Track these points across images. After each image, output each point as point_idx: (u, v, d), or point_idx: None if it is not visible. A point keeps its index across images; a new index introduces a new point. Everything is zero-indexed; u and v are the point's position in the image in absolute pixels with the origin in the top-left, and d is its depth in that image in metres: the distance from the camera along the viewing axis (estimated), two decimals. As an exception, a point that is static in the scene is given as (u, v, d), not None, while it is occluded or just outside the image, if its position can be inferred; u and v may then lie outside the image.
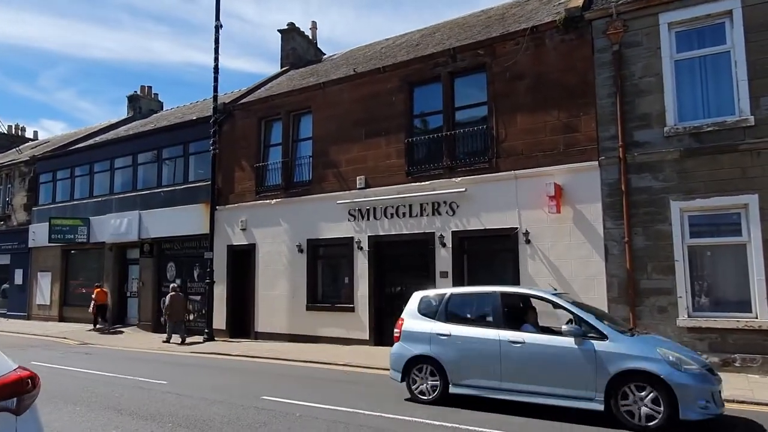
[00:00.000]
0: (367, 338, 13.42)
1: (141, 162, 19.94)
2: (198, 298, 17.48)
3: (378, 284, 13.58)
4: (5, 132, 32.04)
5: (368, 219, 13.74)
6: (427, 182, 12.90)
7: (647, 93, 10.68)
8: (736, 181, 9.81)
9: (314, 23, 22.00)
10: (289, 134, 15.71)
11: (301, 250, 14.76)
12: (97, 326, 18.63)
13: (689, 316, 9.97)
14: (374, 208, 13.66)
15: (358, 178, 13.96)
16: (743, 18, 10.02)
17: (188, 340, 15.69)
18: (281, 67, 20.24)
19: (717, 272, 10.14)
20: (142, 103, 26.74)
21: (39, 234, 21.73)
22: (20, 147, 29.51)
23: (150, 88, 27.63)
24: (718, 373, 6.88)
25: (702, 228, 10.24)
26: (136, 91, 26.96)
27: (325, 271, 15.01)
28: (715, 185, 9.95)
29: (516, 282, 11.56)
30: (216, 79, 16.48)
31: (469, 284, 12.33)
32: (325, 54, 21.29)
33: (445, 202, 12.66)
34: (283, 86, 17.13)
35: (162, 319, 16.10)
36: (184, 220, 17.58)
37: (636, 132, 10.70)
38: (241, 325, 16.07)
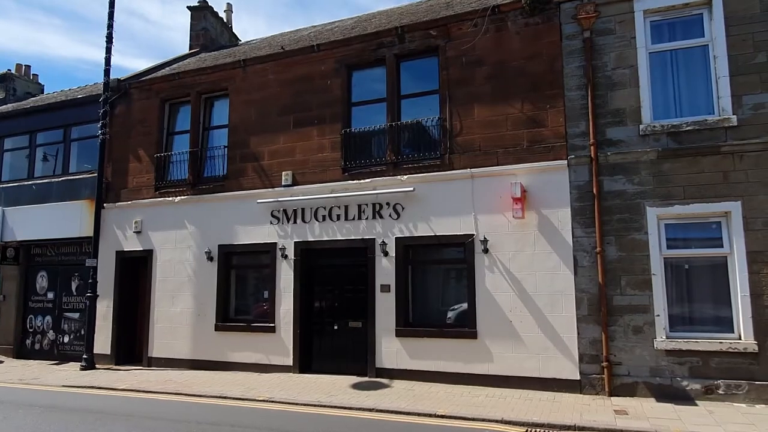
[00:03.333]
0: (291, 364, 11.21)
1: (8, 148, 16.36)
2: (76, 315, 14.29)
3: (305, 299, 11.43)
4: None
5: (295, 222, 11.59)
6: (366, 180, 11.02)
7: (621, 86, 9.54)
8: (718, 187, 8.83)
9: (230, 5, 19.54)
10: (200, 120, 13.20)
11: (210, 258, 12.26)
12: None
13: (667, 337, 8.80)
14: (303, 209, 11.54)
15: (283, 173, 11.78)
16: (723, 9, 9.15)
17: (63, 367, 12.62)
18: (189, 49, 17.57)
19: (696, 288, 9.07)
20: (17, 84, 22.53)
21: None
22: None
23: (29, 67, 23.44)
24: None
25: (679, 238, 9.18)
26: (9, 70, 22.76)
27: (240, 284, 12.58)
28: (694, 191, 8.93)
29: (472, 298, 9.94)
30: (109, 50, 13.61)
31: (414, 300, 10.63)
32: (241, 41, 18.88)
33: (388, 204, 10.83)
34: (192, 67, 14.55)
35: None
36: (61, 220, 14.35)
37: (609, 129, 9.51)
38: (131, 349, 13.18)
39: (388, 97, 11.22)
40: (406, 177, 10.72)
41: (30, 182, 15.49)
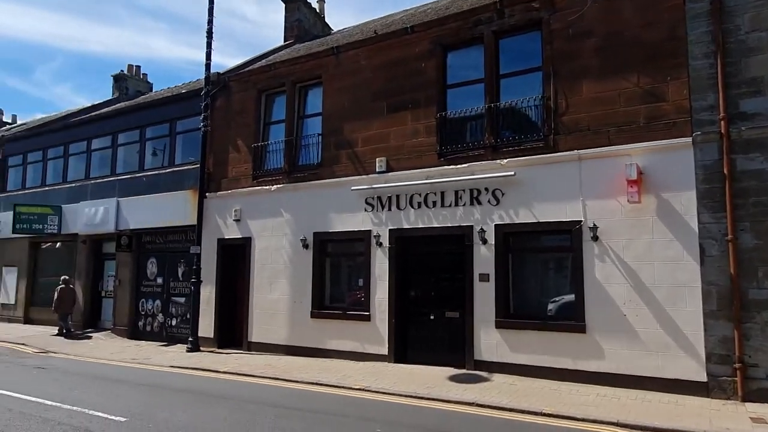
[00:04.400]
0: (386, 353, 11.00)
1: (122, 143, 17.48)
2: (182, 300, 14.99)
3: (400, 288, 11.17)
4: (-20, 115, 29.44)
5: (389, 209, 11.34)
6: (464, 165, 10.53)
7: (757, 51, 8.35)
8: None
9: (322, -5, 19.64)
10: (295, 109, 13.30)
11: (305, 246, 12.32)
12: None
13: (817, 339, 7.61)
14: (397, 196, 11.26)
15: (377, 159, 11.56)
16: None
17: (170, 349, 13.35)
18: (284, 41, 17.85)
19: None
20: (129, 83, 24.21)
21: (5, 224, 19.15)
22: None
23: (139, 67, 25.12)
24: None
25: (832, 224, 7.90)
26: (122, 70, 24.45)
27: (335, 271, 12.58)
28: None
29: (579, 289, 9.20)
30: (209, 45, 14.05)
31: (515, 290, 10.03)
32: (333, 30, 18.93)
33: (486, 189, 10.28)
34: (287, 57, 14.70)
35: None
36: (168, 209, 15.11)
37: (743, 101, 8.36)
38: (232, 333, 13.59)
39: (486, 77, 10.64)
40: (506, 161, 10.11)
41: (141, 174, 16.45)
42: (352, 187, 11.69)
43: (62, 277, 16.70)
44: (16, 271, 19.79)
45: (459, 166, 10.56)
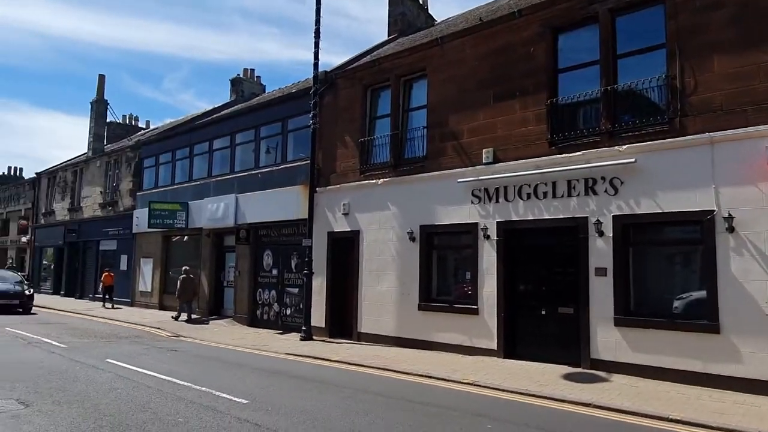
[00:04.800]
0: (495, 348, 10.76)
1: (239, 142, 18.64)
2: (295, 290, 15.70)
3: (509, 282, 10.86)
4: (119, 122, 32.76)
5: (497, 201, 11.05)
6: (577, 153, 9.98)
7: None
8: None
9: (425, -13, 19.53)
10: (399, 103, 13.37)
11: (412, 239, 12.38)
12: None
13: None
14: (505, 188, 10.94)
15: (484, 150, 11.31)
16: None
17: (285, 337, 14.09)
18: (388, 36, 18.00)
19: None
20: (244, 86, 25.80)
21: (142, 219, 21.22)
22: (132, 136, 29.93)
23: (252, 71, 26.67)
24: None
25: None
26: (238, 75, 26.08)
27: (442, 264, 12.53)
28: None
29: (712, 285, 8.37)
30: (317, 44, 14.51)
31: (635, 286, 9.35)
32: (437, 21, 18.78)
33: (603, 178, 9.67)
34: (391, 52, 14.81)
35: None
36: (281, 204, 15.89)
37: None
38: (342, 323, 14.01)
39: (602, 59, 9.99)
40: (624, 147, 9.44)
41: (256, 171, 17.43)
42: (459, 180, 11.53)
43: (184, 268, 18.39)
44: (152, 262, 21.86)
45: (572, 154, 10.03)
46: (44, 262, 31.89)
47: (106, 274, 22.26)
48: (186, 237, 20.55)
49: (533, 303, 10.62)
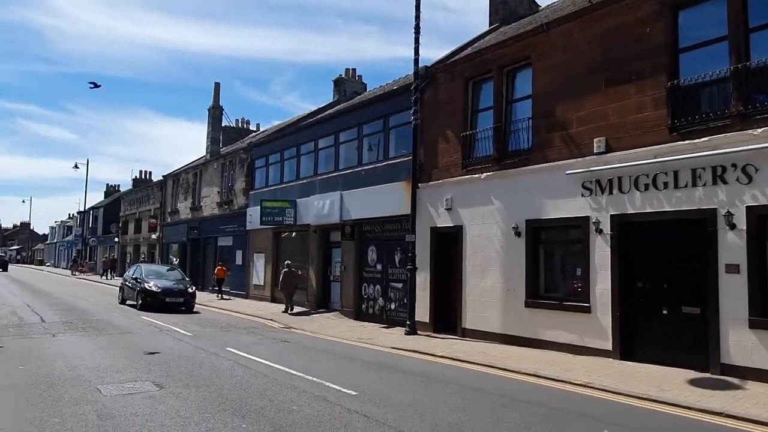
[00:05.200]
0: (610, 348, 10.17)
1: (342, 141, 19.16)
2: (399, 285, 15.86)
3: (624, 279, 10.20)
4: (233, 126, 34.96)
5: (610, 193, 10.42)
6: (703, 138, 9.13)
7: None
8: None
9: (527, -27, 18.84)
10: (502, 94, 13.02)
11: (518, 234, 12.02)
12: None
13: None
14: (619, 179, 10.28)
15: (595, 140, 10.70)
16: None
17: (390, 331, 14.33)
18: (489, 26, 17.59)
19: None
20: (346, 86, 26.44)
21: (254, 217, 22.49)
22: (244, 139, 31.83)
23: (354, 70, 27.24)
24: None
25: None
26: (340, 75, 26.78)
27: (550, 260, 12.06)
28: None
29: None
30: (417, 40, 14.50)
31: (775, 285, 8.38)
32: (540, 6, 18.05)
33: (734, 166, 8.77)
34: (492, 42, 14.46)
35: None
36: (384, 200, 16.12)
37: None
38: (446, 319, 13.95)
39: (731, 34, 9.05)
40: (760, 130, 8.49)
41: (359, 168, 17.82)
42: (567, 171, 11.01)
43: (286, 262, 19.62)
44: (264, 257, 23.13)
45: (697, 140, 9.20)
46: (171, 257, 34.89)
47: (219, 267, 24.33)
48: (294, 233, 21.50)
49: (652, 302, 9.89)
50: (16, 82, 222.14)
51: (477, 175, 13.16)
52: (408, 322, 13.80)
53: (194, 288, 20.16)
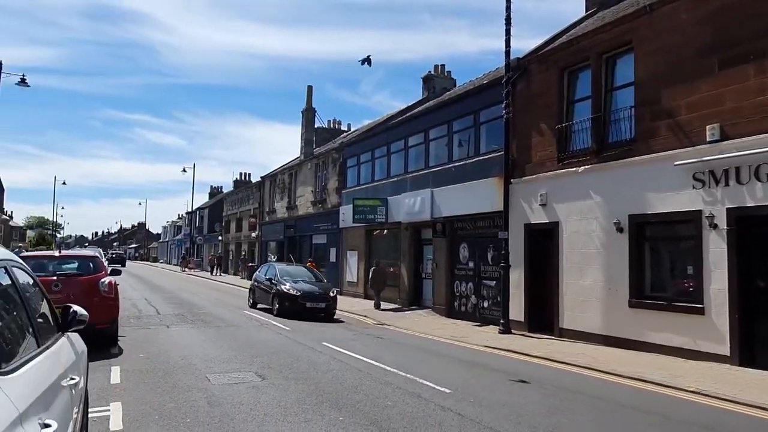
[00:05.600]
0: (727, 353, 9.35)
1: (432, 138, 19.11)
2: (492, 283, 15.56)
3: (744, 277, 9.32)
4: (325, 127, 35.99)
5: (726, 184, 9.56)
6: (838, 121, 8.14)
7: None
8: None
9: (626, -46, 17.75)
10: (601, 83, 12.36)
11: (620, 229, 11.37)
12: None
13: None
14: (737, 169, 9.40)
15: (708, 127, 9.86)
16: None
17: (483, 329, 14.16)
18: (586, 11, 16.78)
19: None
20: (435, 82, 26.31)
21: (347, 215, 23.02)
22: (336, 139, 32.67)
23: (443, 66, 27.06)
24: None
25: None
26: (429, 72, 26.70)
27: (655, 257, 11.30)
28: None
29: None
30: (508, 31, 14.12)
31: None
32: (641, -12, 16.93)
33: None
34: (590, 28, 13.77)
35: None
36: (475, 197, 15.88)
37: None
38: (542, 318, 13.49)
39: None
40: None
41: (449, 165, 17.68)
42: (675, 162, 10.25)
43: (374, 260, 20.47)
44: (356, 255, 23.61)
45: (829, 123, 8.22)
46: (269, 254, 36.58)
47: (309, 263, 24.70)
48: (386, 231, 21.75)
49: (777, 303, 8.97)
50: (133, 95, 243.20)
51: (574, 169, 12.60)
52: (501, 321, 13.50)
53: (336, 291, 17.38)
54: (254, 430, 5.37)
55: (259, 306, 17.84)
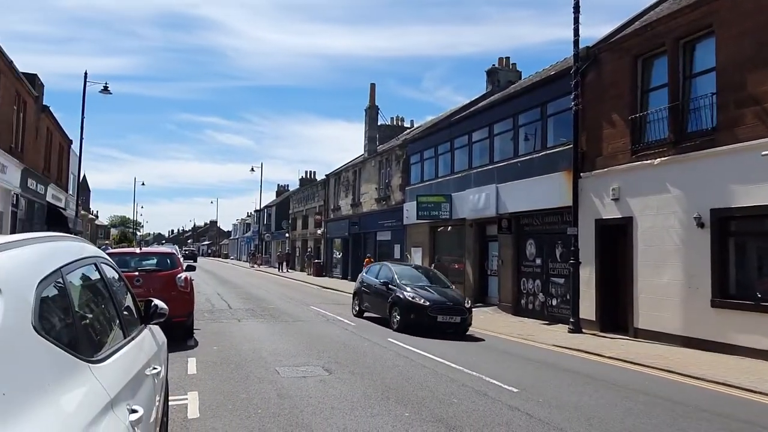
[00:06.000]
0: (824, 360, 8.62)
1: (497, 132, 18.74)
2: (561, 281, 15.10)
3: (844, 277, 8.57)
4: (388, 124, 36.12)
5: (822, 175, 8.81)
6: None
7: None
8: None
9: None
10: (678, 69, 11.68)
11: (700, 225, 10.72)
12: None
13: None
14: (834, 157, 8.64)
15: (800, 113, 9.12)
16: None
17: (552, 328, 13.79)
18: (661, -5, 15.89)
19: None
20: (500, 75, 25.84)
21: (411, 212, 23.01)
22: (399, 136, 32.72)
23: (508, 59, 26.54)
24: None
25: None
26: (494, 65, 26.23)
27: (741, 254, 10.59)
28: None
29: None
30: (577, 19, 13.61)
31: None
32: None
33: None
34: (665, 13, 13.04)
35: None
36: (542, 192, 15.45)
37: None
38: (614, 317, 12.96)
39: None
40: None
41: (515, 160, 17.28)
42: (764, 152, 9.53)
43: (436, 257, 20.91)
44: (421, 251, 23.57)
45: None
46: (334, 251, 37.19)
47: (368, 259, 26.45)
48: (450, 227, 21.58)
49: None
50: (205, 98, 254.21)
51: (649, 161, 11.99)
52: (571, 320, 13.08)
53: (470, 301, 14.00)
54: (322, 423, 5.46)
55: (367, 315, 14.95)
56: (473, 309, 13.81)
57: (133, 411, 2.17)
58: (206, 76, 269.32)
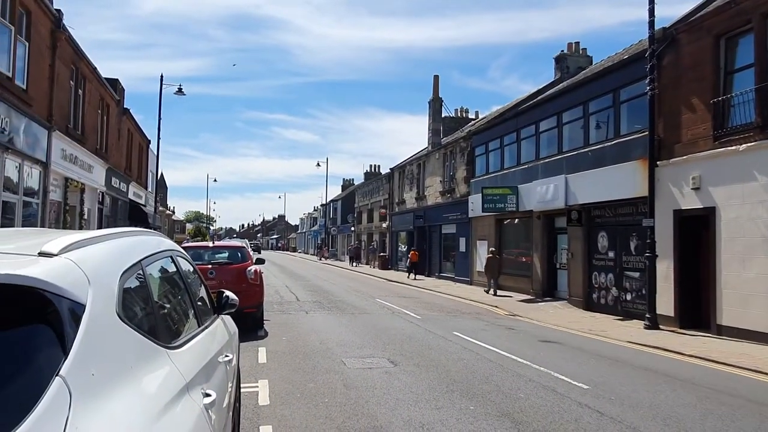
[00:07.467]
0: None
1: (566, 121, 18.10)
2: (636, 275, 14.42)
3: None
4: (452, 116, 35.75)
5: None
6: None
7: None
8: None
9: None
10: (766, 47, 10.82)
11: (792, 215, 9.93)
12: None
13: None
14: None
15: None
16: None
17: (625, 324, 13.26)
18: (746, -31, 14.75)
19: None
20: (569, 61, 24.91)
21: (476, 204, 22.71)
22: (463, 128, 32.33)
23: (577, 43, 25.53)
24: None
25: None
26: (562, 51, 25.33)
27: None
28: None
29: None
30: (652, 0, 12.89)
31: None
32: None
33: None
34: (751, -13, 12.10)
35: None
36: (615, 182, 14.80)
37: None
38: (695, 313, 12.25)
39: None
40: None
41: (586, 149, 16.65)
42: None
43: (490, 249, 21.34)
44: (486, 244, 23.22)
45: None
46: (399, 244, 37.33)
47: (413, 252, 28.30)
48: (516, 219, 21.12)
49: None
50: (271, 96, 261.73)
51: (733, 147, 11.21)
52: (648, 315, 12.48)
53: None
54: (387, 414, 5.51)
55: None
56: (540, 302, 14.09)
57: (207, 395, 2.28)
58: (272, 74, 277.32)
